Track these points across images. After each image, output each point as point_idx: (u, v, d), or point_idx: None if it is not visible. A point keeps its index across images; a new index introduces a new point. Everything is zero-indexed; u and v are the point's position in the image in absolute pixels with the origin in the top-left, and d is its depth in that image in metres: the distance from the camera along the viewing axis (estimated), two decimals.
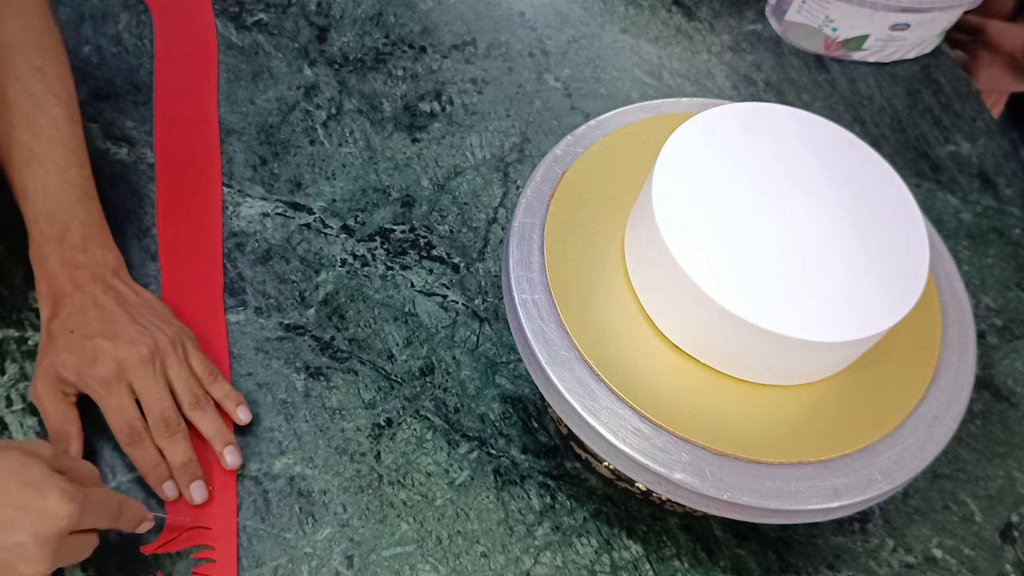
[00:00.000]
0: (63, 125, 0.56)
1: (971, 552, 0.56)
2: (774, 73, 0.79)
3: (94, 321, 0.52)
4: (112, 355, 0.50)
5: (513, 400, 0.58)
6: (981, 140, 0.77)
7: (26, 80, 0.55)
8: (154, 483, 0.51)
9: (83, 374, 0.50)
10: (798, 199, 0.46)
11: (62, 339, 0.51)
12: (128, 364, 0.50)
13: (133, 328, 0.52)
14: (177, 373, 0.52)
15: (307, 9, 0.76)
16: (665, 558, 0.53)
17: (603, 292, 0.49)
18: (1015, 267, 0.69)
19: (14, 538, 0.40)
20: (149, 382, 0.51)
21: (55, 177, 0.54)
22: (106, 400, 0.50)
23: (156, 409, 0.51)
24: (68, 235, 0.54)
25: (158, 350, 0.52)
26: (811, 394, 0.47)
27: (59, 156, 0.55)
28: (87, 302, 0.52)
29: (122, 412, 0.50)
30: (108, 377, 0.50)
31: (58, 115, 0.56)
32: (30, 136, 0.54)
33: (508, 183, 0.68)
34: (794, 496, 0.43)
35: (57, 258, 0.53)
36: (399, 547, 0.52)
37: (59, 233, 0.54)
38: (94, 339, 0.51)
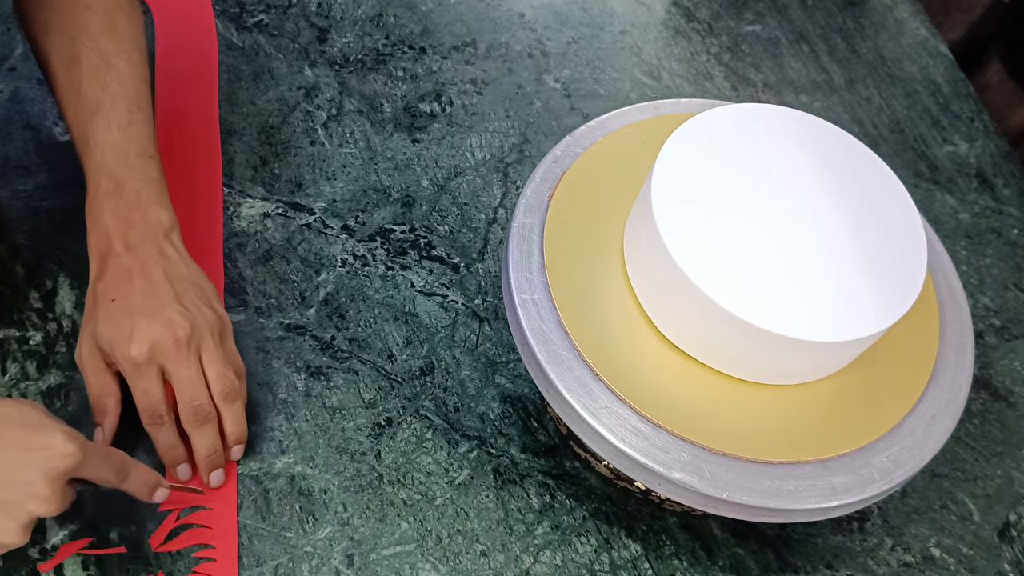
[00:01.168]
0: (130, 82, 0.55)
1: (969, 551, 0.56)
2: (773, 74, 0.79)
3: (137, 293, 0.50)
4: (147, 336, 0.49)
5: (513, 400, 0.58)
6: (979, 140, 0.77)
7: (97, 37, 0.55)
8: (168, 463, 0.51)
9: (116, 351, 0.49)
10: (796, 200, 0.47)
11: (103, 308, 0.50)
12: (162, 347, 0.49)
13: (174, 308, 0.50)
14: (211, 359, 0.51)
15: (308, 10, 0.76)
16: (664, 557, 0.53)
17: (602, 292, 0.49)
18: (1013, 267, 0.69)
19: (23, 477, 0.41)
20: (182, 365, 0.50)
21: (115, 132, 0.53)
22: (134, 380, 0.50)
23: (188, 395, 0.50)
24: (124, 192, 0.52)
25: (194, 334, 0.50)
26: (810, 394, 0.47)
27: (122, 111, 0.54)
28: (134, 268, 0.51)
29: (147, 395, 0.50)
30: (140, 359, 0.49)
31: (126, 72, 0.55)
32: (96, 90, 0.54)
33: (508, 183, 0.68)
34: (793, 495, 0.44)
35: (111, 214, 0.52)
36: (399, 546, 0.52)
37: (115, 189, 0.52)
38: (133, 316, 0.50)
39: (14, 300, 0.58)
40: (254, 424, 0.55)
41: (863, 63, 0.81)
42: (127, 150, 0.53)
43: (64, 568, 0.49)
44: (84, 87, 0.54)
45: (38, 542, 0.50)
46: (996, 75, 0.91)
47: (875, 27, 0.84)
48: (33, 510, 0.42)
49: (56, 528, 0.50)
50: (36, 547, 0.50)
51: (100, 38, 0.55)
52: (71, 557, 0.49)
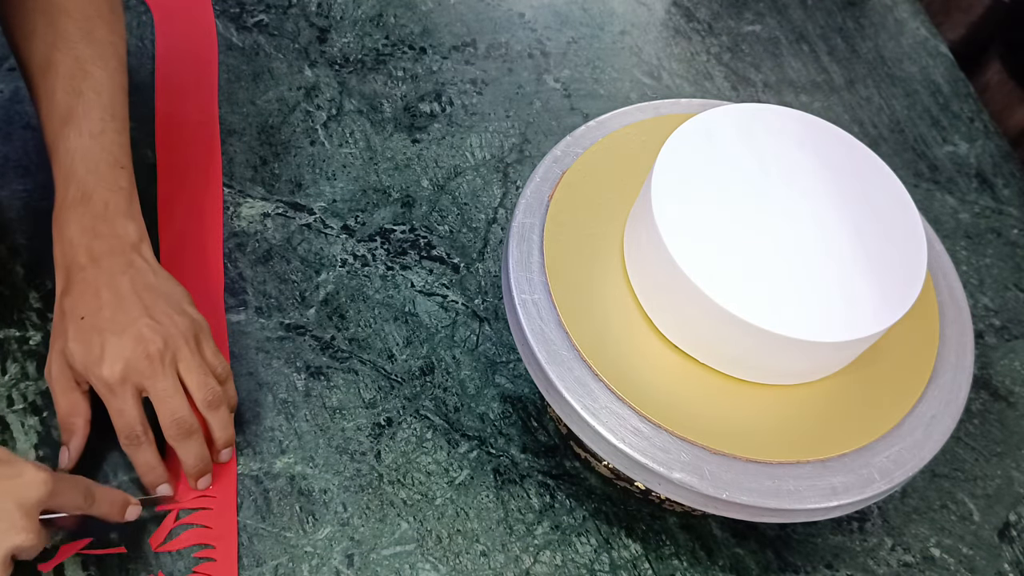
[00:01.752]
0: (105, 90, 0.54)
1: (969, 551, 0.56)
2: (773, 74, 0.79)
3: (105, 308, 0.50)
4: (119, 354, 0.48)
5: (513, 400, 0.58)
6: (979, 141, 0.77)
7: (74, 43, 0.54)
8: (149, 485, 0.51)
9: (89, 372, 0.49)
10: (796, 200, 0.47)
11: (72, 325, 0.49)
12: (135, 363, 0.49)
13: (143, 321, 0.49)
14: (189, 367, 0.50)
15: (307, 10, 0.76)
16: (664, 557, 0.53)
17: (602, 292, 0.49)
18: (1013, 267, 0.69)
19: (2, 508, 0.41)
20: (158, 380, 0.49)
21: (87, 140, 0.52)
22: (109, 401, 0.49)
23: (167, 409, 0.49)
24: (91, 202, 0.51)
25: (167, 347, 0.49)
26: (810, 394, 0.47)
27: (95, 119, 0.53)
28: (101, 283, 0.50)
29: (123, 415, 0.49)
30: (113, 380, 0.48)
31: (102, 79, 0.54)
32: (70, 97, 0.53)
33: (508, 183, 0.68)
34: (792, 495, 0.44)
35: (76, 224, 0.51)
36: (399, 546, 0.52)
37: (82, 198, 0.51)
38: (103, 333, 0.49)
39: (14, 300, 0.58)
40: (254, 424, 0.55)
41: (863, 63, 0.81)
42: (97, 159, 0.52)
43: (64, 568, 0.49)
44: (58, 93, 0.53)
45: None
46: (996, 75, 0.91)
47: (875, 27, 0.84)
48: (11, 541, 0.41)
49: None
50: None
51: (78, 44, 0.54)
52: (71, 557, 0.49)
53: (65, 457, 0.50)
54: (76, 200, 0.51)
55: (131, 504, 0.48)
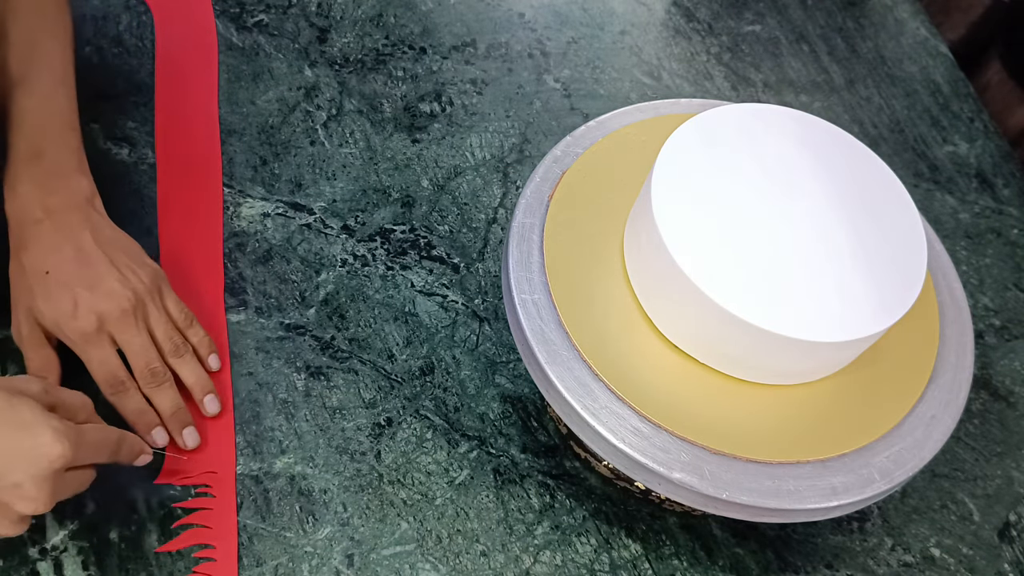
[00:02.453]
0: (55, 58, 0.56)
1: (969, 551, 0.56)
2: (773, 74, 0.79)
3: (70, 263, 0.50)
4: (92, 308, 0.49)
5: (513, 400, 0.58)
6: (979, 141, 0.77)
7: (24, 16, 0.55)
8: (142, 431, 0.51)
9: (62, 326, 0.49)
10: (796, 200, 0.47)
11: (37, 283, 0.50)
12: (109, 317, 0.50)
13: (112, 275, 0.50)
14: (156, 321, 0.52)
15: (307, 10, 0.76)
16: (664, 557, 0.53)
17: (602, 292, 0.49)
18: (1013, 267, 0.69)
19: (11, 479, 0.41)
20: (132, 334, 0.50)
21: (37, 101, 0.54)
22: (87, 352, 0.50)
23: (142, 360, 0.51)
24: (43, 159, 0.52)
25: (138, 301, 0.51)
26: (810, 394, 0.47)
27: (46, 84, 0.54)
28: (60, 237, 0.51)
29: (105, 364, 0.50)
30: (89, 330, 0.49)
31: (51, 48, 0.56)
32: (21, 65, 0.54)
33: (508, 183, 0.68)
34: (793, 495, 0.44)
35: (29, 180, 0.52)
36: (399, 546, 0.52)
37: (34, 155, 0.52)
38: (73, 288, 0.49)
39: None
40: (254, 424, 0.55)
41: (863, 63, 0.81)
42: (48, 119, 0.54)
43: (64, 568, 0.49)
44: (9, 61, 0.54)
45: (38, 542, 0.50)
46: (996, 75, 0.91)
47: (875, 27, 0.84)
48: (21, 510, 0.42)
49: (56, 528, 0.50)
50: (36, 547, 0.50)
51: (28, 16, 0.55)
52: (71, 557, 0.49)
53: None
54: (28, 157, 0.52)
55: (144, 452, 0.49)
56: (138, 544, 0.50)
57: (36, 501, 0.42)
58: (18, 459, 0.41)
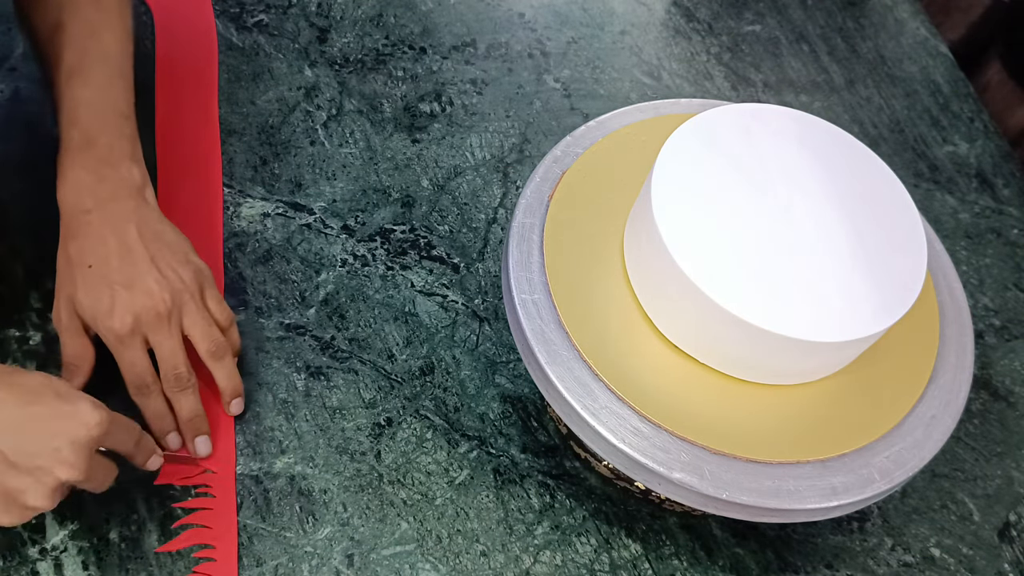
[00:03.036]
0: (112, 51, 0.55)
1: (969, 551, 0.56)
2: (773, 74, 0.79)
3: (113, 258, 0.50)
4: (128, 308, 0.50)
5: (513, 400, 0.58)
6: (979, 140, 0.77)
7: (83, 8, 0.55)
8: (158, 433, 0.52)
9: (98, 322, 0.50)
10: (796, 200, 0.47)
11: (80, 273, 0.50)
12: (144, 318, 0.50)
13: (152, 275, 0.51)
14: (194, 320, 0.52)
15: (307, 10, 0.76)
16: (664, 557, 0.53)
17: (602, 292, 0.49)
18: (1013, 267, 0.69)
19: (54, 444, 0.42)
20: (164, 337, 0.51)
21: (92, 91, 0.54)
22: (119, 352, 0.50)
23: (169, 364, 0.51)
24: (96, 146, 0.52)
25: (175, 303, 0.51)
26: (810, 394, 0.47)
27: (101, 75, 0.54)
28: (107, 230, 0.51)
29: (134, 365, 0.50)
30: (123, 332, 0.50)
31: (109, 41, 0.55)
32: (77, 55, 0.54)
33: (508, 183, 0.68)
34: (793, 495, 0.44)
35: (81, 168, 0.52)
36: (399, 546, 0.52)
37: (87, 143, 0.52)
38: (112, 285, 0.50)
39: (14, 300, 0.58)
40: (254, 424, 0.55)
41: (863, 63, 0.81)
42: (102, 108, 0.54)
43: (64, 568, 0.49)
44: (65, 52, 0.54)
45: (38, 542, 0.50)
46: (996, 75, 0.91)
47: (875, 27, 0.84)
48: (60, 475, 0.43)
49: (56, 528, 0.50)
50: (36, 547, 0.50)
51: (86, 9, 0.55)
52: (71, 557, 0.49)
53: None
54: (80, 144, 0.52)
55: (156, 454, 0.50)
56: (138, 544, 0.50)
57: (74, 468, 0.43)
58: (61, 425, 0.43)
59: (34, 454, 0.42)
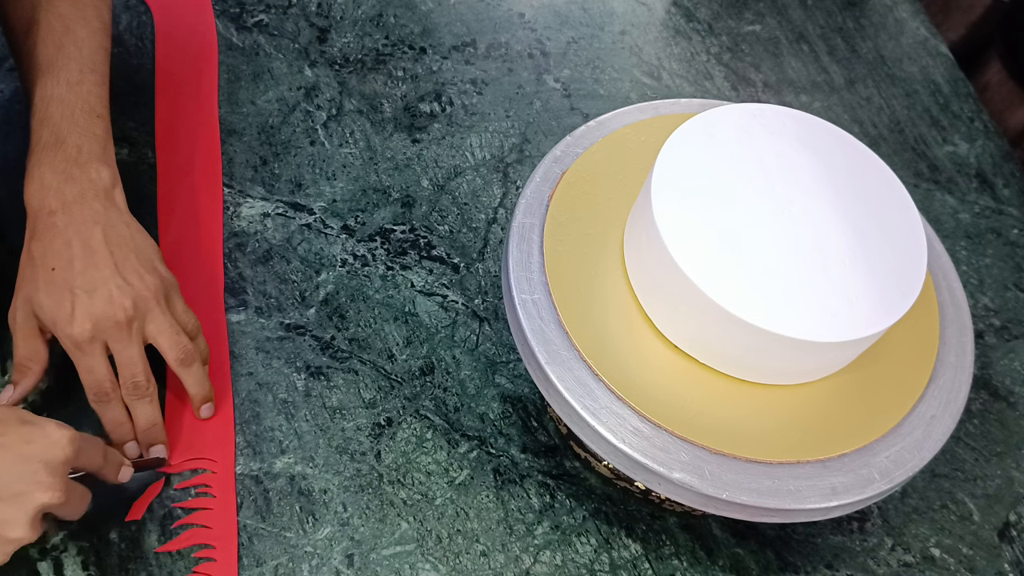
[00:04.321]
0: (86, 46, 0.55)
1: (969, 551, 0.56)
2: (773, 74, 0.79)
3: (76, 262, 0.50)
4: (88, 314, 0.49)
5: (513, 400, 0.58)
6: (979, 140, 0.77)
7: (57, 4, 0.55)
8: (117, 441, 0.52)
9: (58, 327, 0.49)
10: (796, 200, 0.47)
11: (42, 275, 0.50)
12: (103, 325, 0.49)
13: (114, 281, 0.50)
14: (160, 327, 0.51)
15: (307, 10, 0.76)
16: (664, 557, 0.53)
17: (602, 292, 0.49)
18: (1013, 267, 0.69)
19: (28, 468, 0.42)
20: (124, 345, 0.50)
21: (63, 88, 0.53)
22: (78, 358, 0.50)
23: (128, 372, 0.50)
24: (64, 146, 0.52)
25: (136, 311, 0.50)
26: (810, 393, 0.47)
27: (74, 71, 0.53)
28: (71, 232, 0.50)
29: (92, 372, 0.50)
30: (82, 338, 0.49)
31: (83, 36, 0.55)
32: (50, 51, 0.54)
33: (508, 183, 0.68)
34: (793, 495, 0.44)
35: (48, 166, 0.51)
36: (399, 546, 0.52)
37: (56, 142, 0.52)
38: (74, 290, 0.49)
39: None
40: (254, 424, 0.55)
41: (863, 63, 0.81)
42: (73, 106, 0.53)
43: (64, 568, 0.49)
44: (38, 47, 0.54)
45: (38, 541, 0.50)
46: (996, 75, 0.91)
47: (875, 27, 0.84)
48: (40, 499, 0.43)
49: (56, 528, 0.50)
50: (36, 547, 0.50)
51: (61, 5, 0.55)
52: (71, 557, 0.49)
53: (7, 395, 0.51)
54: (49, 144, 0.52)
55: (125, 465, 0.49)
56: (138, 544, 0.50)
57: (53, 488, 0.43)
58: (31, 449, 0.43)
59: (11, 482, 0.42)
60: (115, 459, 0.49)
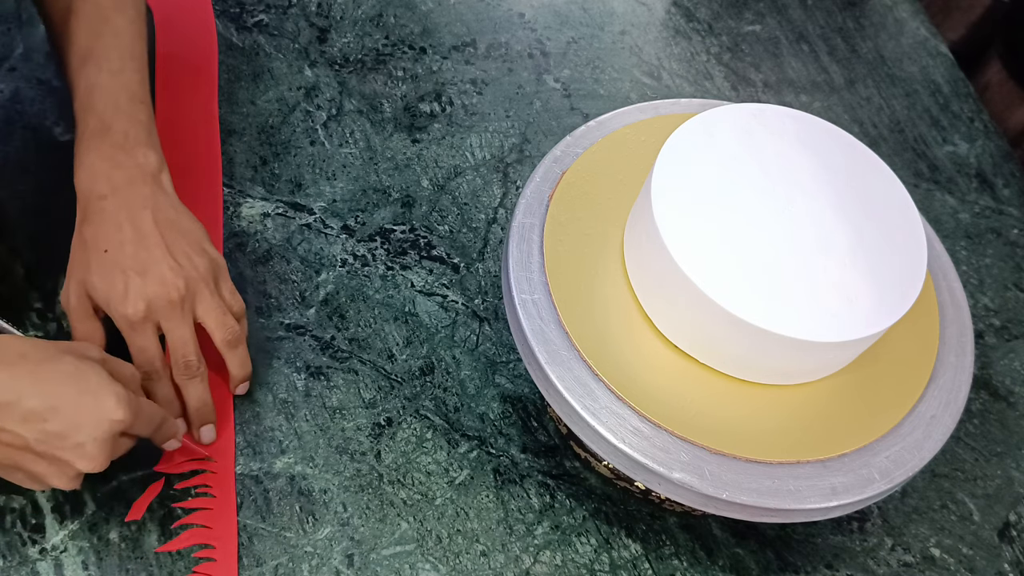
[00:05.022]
0: (125, 34, 0.56)
1: (969, 551, 0.56)
2: (773, 74, 0.79)
3: (128, 244, 0.51)
4: (142, 294, 0.50)
5: (513, 399, 0.58)
6: (979, 140, 0.77)
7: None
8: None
9: (111, 307, 0.50)
10: (796, 199, 0.47)
11: (95, 257, 0.51)
12: (156, 305, 0.50)
13: (166, 262, 0.51)
14: (208, 308, 0.52)
15: (307, 10, 0.76)
16: (664, 557, 0.53)
17: (602, 292, 0.49)
18: (1013, 267, 0.69)
19: (76, 439, 0.43)
20: (175, 324, 0.51)
21: (106, 77, 0.54)
22: (131, 337, 0.51)
23: (180, 352, 0.51)
24: (111, 132, 0.53)
25: (188, 292, 0.51)
26: (810, 393, 0.47)
27: (115, 58, 0.54)
28: (122, 216, 0.51)
29: (144, 352, 0.51)
30: (135, 318, 0.50)
31: (121, 25, 0.56)
32: (90, 39, 0.55)
33: (508, 183, 0.68)
34: (793, 495, 0.44)
35: (96, 152, 0.52)
36: (399, 546, 0.52)
37: (102, 129, 0.53)
38: (126, 271, 0.50)
39: (14, 300, 0.58)
40: (254, 424, 0.55)
41: (863, 63, 0.81)
42: (116, 93, 0.54)
43: (64, 568, 0.49)
44: (78, 35, 0.55)
45: (38, 542, 0.50)
46: (996, 75, 0.91)
47: (875, 27, 0.84)
48: (80, 468, 0.44)
49: (56, 528, 0.50)
50: (36, 547, 0.50)
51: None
52: (71, 557, 0.49)
53: None
54: (96, 131, 0.53)
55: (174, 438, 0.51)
56: (138, 544, 0.50)
57: (95, 460, 0.44)
58: (84, 421, 0.44)
59: (57, 447, 0.43)
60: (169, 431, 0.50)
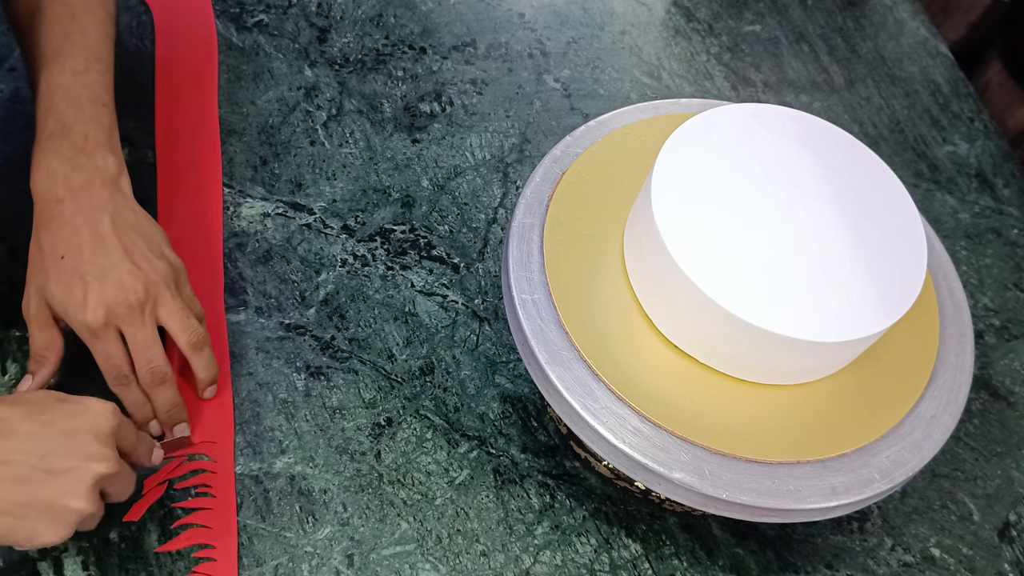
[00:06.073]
0: (91, 34, 0.55)
1: (969, 551, 0.56)
2: (773, 74, 0.79)
3: (86, 249, 0.50)
4: (101, 300, 0.49)
5: (513, 399, 0.58)
6: (979, 140, 0.77)
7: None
8: (139, 422, 0.52)
9: (70, 315, 0.49)
10: (797, 199, 0.47)
11: (52, 265, 0.50)
12: (116, 310, 0.49)
13: (125, 266, 0.50)
14: (171, 311, 0.51)
15: (308, 10, 0.76)
16: (664, 557, 0.53)
17: (602, 292, 0.49)
18: (1013, 267, 0.69)
19: (78, 441, 0.44)
20: (137, 328, 0.50)
21: (69, 78, 0.53)
22: (94, 345, 0.50)
23: (144, 358, 0.50)
24: (71, 134, 0.52)
25: (148, 295, 0.50)
26: (810, 393, 0.47)
27: (79, 59, 0.54)
28: (80, 220, 0.50)
29: (109, 358, 0.50)
30: (96, 325, 0.49)
31: (89, 25, 0.55)
32: (56, 39, 0.54)
33: (508, 183, 0.68)
34: (793, 495, 0.44)
35: (55, 156, 0.51)
36: (399, 546, 0.52)
37: (62, 130, 0.52)
38: (85, 277, 0.49)
39: (14, 300, 0.58)
40: (254, 424, 0.55)
41: (863, 63, 0.81)
42: (79, 95, 0.53)
43: (64, 568, 0.49)
44: (44, 35, 0.54)
45: None
46: (996, 75, 0.91)
47: (875, 27, 0.84)
48: (95, 469, 0.44)
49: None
50: None
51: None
52: (71, 557, 0.49)
53: (25, 386, 0.51)
54: (55, 132, 0.52)
55: (156, 448, 0.50)
56: (138, 544, 0.50)
57: (106, 458, 0.44)
58: (77, 423, 0.44)
59: (63, 457, 0.43)
60: (147, 440, 0.49)
